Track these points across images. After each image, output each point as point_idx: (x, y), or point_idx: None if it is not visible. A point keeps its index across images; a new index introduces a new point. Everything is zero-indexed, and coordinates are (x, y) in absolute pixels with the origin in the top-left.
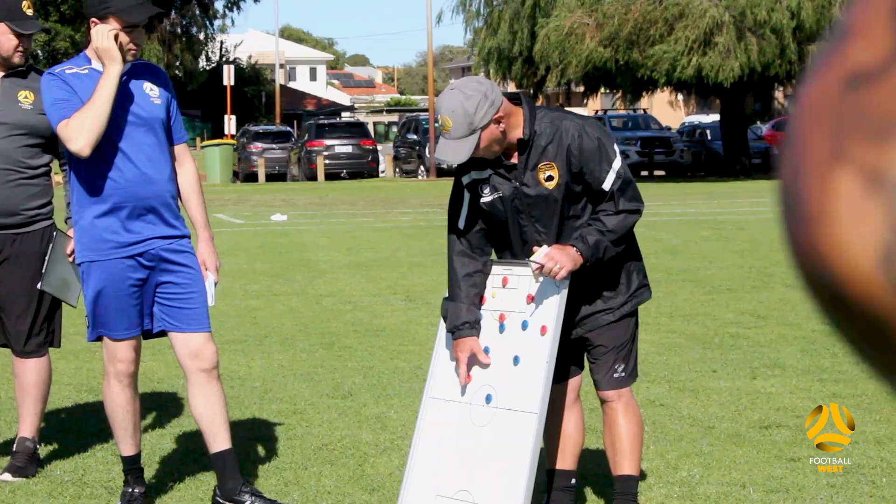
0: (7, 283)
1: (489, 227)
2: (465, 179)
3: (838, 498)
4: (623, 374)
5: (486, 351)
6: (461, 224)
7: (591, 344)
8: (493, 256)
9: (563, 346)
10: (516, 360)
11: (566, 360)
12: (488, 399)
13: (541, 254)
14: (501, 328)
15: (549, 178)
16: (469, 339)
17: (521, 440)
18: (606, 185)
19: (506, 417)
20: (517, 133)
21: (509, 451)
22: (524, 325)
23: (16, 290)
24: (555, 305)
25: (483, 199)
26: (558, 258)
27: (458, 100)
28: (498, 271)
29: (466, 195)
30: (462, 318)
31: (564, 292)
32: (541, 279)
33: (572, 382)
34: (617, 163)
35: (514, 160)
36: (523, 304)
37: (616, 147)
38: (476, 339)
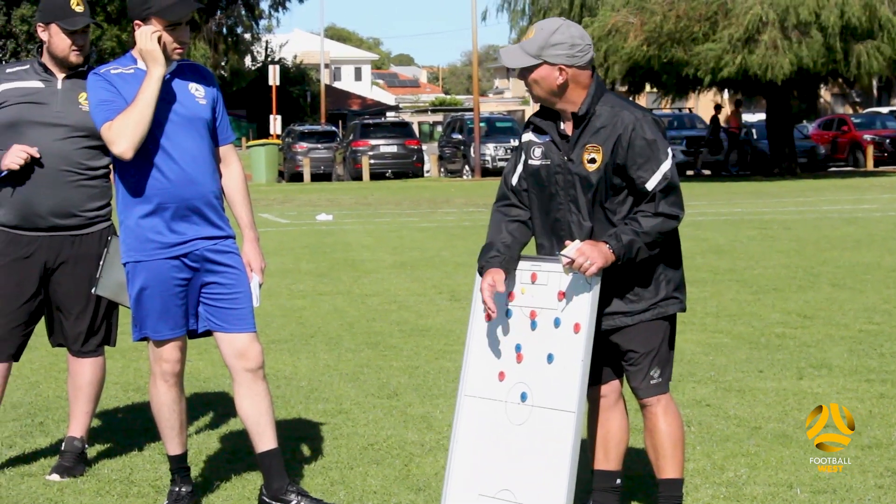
0: (66, 285)
1: (530, 194)
2: (524, 137)
3: (886, 499)
4: (660, 379)
5: (518, 349)
6: (514, 180)
7: (622, 349)
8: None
9: (597, 346)
10: (550, 358)
11: (600, 361)
12: (523, 397)
13: (572, 248)
14: (533, 325)
15: (592, 161)
16: (492, 269)
17: (561, 439)
18: (650, 186)
19: (543, 416)
20: (575, 105)
21: (549, 450)
22: (556, 323)
23: (74, 291)
24: (587, 303)
25: (531, 162)
26: (589, 254)
27: (554, 27)
28: (527, 267)
29: (523, 155)
30: (491, 254)
31: (596, 289)
32: (571, 275)
33: (612, 384)
34: (665, 166)
35: (570, 132)
36: (554, 300)
37: (669, 150)
38: (500, 271)
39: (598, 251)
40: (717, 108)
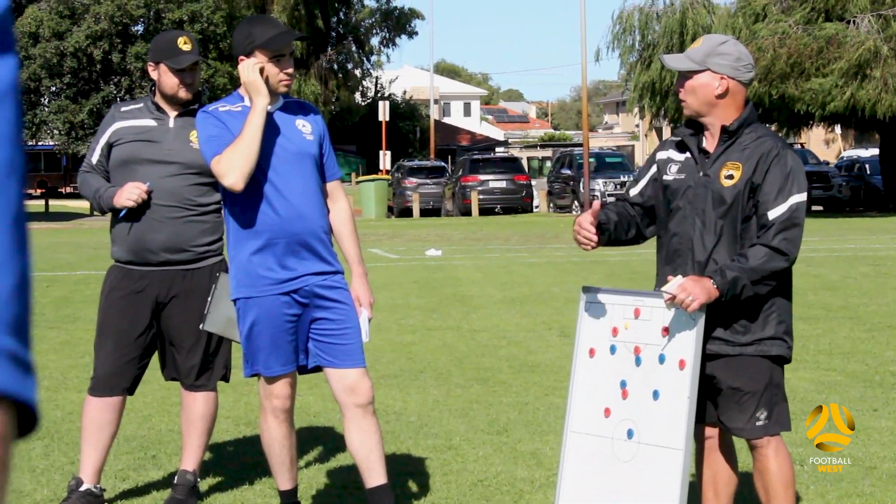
0: (177, 319)
1: (657, 212)
2: (661, 155)
3: None
4: (767, 420)
5: (623, 384)
6: (633, 191)
7: (726, 386)
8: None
9: (703, 384)
10: (656, 395)
11: (704, 398)
12: (630, 434)
13: (674, 284)
14: (638, 361)
15: (729, 177)
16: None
17: (668, 478)
18: (772, 215)
19: (650, 453)
20: (726, 118)
21: (657, 488)
22: (661, 359)
23: (186, 325)
24: (692, 339)
25: (665, 177)
26: (692, 289)
27: (722, 39)
28: (629, 302)
29: (654, 169)
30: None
31: (701, 325)
32: (673, 310)
33: (717, 425)
34: (795, 199)
35: (711, 149)
36: (658, 336)
37: (804, 189)
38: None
39: (701, 287)
40: None
